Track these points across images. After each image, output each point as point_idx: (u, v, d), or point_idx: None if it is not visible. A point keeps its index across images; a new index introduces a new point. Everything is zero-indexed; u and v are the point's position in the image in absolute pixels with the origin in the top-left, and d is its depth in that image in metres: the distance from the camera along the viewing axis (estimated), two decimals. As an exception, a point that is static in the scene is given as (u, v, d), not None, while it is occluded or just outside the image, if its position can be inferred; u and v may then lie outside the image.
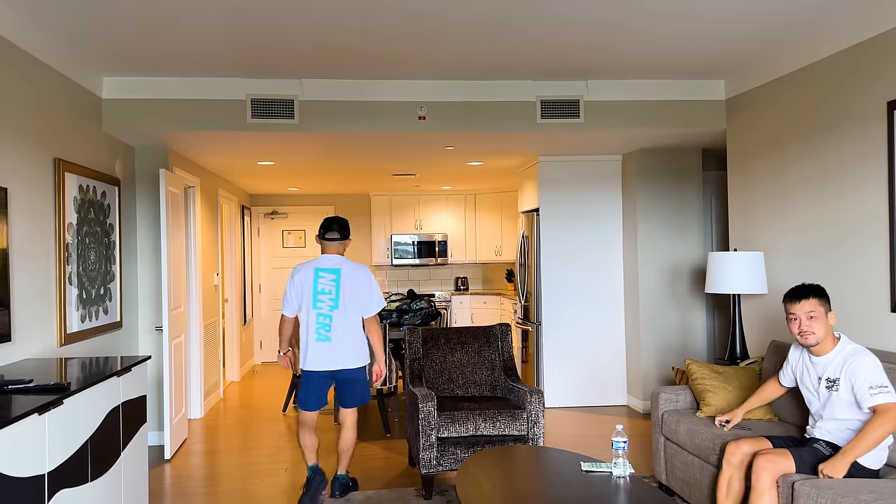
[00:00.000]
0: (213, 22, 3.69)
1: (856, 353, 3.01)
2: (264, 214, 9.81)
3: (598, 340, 6.70)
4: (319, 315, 4.07)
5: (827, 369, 3.09)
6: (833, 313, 3.11)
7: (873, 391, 2.87)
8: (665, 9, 3.61)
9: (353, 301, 4.09)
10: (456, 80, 5.01)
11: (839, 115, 3.99)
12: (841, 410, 3.01)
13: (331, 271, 4.09)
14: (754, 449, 3.16)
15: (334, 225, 4.16)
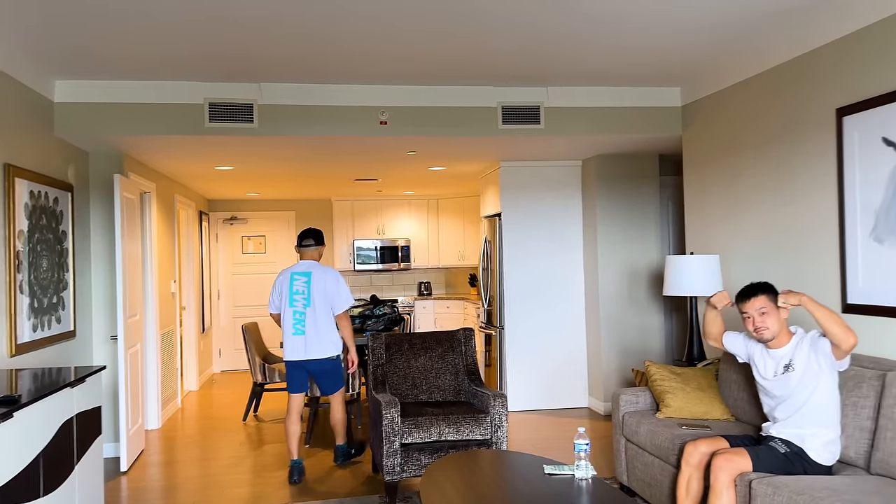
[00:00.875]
0: (170, 25, 3.62)
1: (815, 337, 3.13)
2: (223, 220, 9.67)
3: (560, 343, 6.76)
4: (295, 312, 4.70)
5: (783, 359, 3.18)
6: (786, 308, 3.19)
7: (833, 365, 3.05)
8: (622, 18, 3.67)
9: (322, 300, 4.70)
10: (418, 85, 5.02)
11: (791, 122, 4.11)
12: (798, 394, 3.09)
13: (303, 274, 4.74)
14: (712, 449, 3.22)
15: (308, 234, 4.85)
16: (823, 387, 3.06)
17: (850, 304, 3.61)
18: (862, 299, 3.54)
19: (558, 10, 3.56)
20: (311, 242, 4.83)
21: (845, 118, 3.63)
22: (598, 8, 3.54)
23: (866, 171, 3.50)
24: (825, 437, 3.05)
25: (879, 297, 3.42)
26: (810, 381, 3.07)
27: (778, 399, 3.20)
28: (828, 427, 3.06)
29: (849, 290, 3.62)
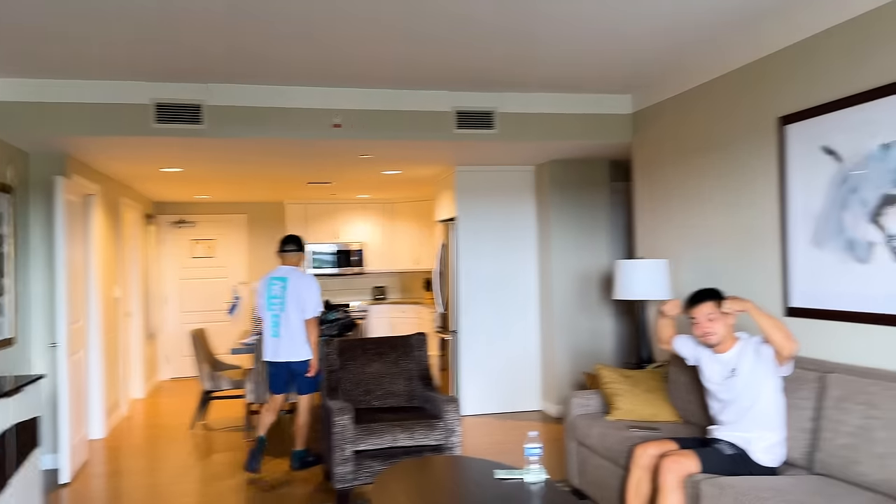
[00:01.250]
0: (114, 24, 3.52)
1: (759, 343, 3.21)
2: (171, 223, 9.44)
3: (514, 347, 6.80)
4: (272, 316, 4.89)
5: (729, 363, 3.25)
6: (732, 314, 3.26)
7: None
8: (575, 28, 3.72)
9: (295, 304, 4.84)
10: (372, 88, 4.99)
11: (736, 130, 4.21)
12: (743, 398, 3.16)
13: (280, 279, 4.92)
14: (661, 451, 3.28)
15: (290, 240, 5.01)
16: (767, 391, 3.14)
17: (791, 307, 3.72)
18: (803, 303, 3.64)
19: (512, 18, 3.58)
20: (292, 248, 4.99)
21: (787, 126, 3.75)
22: (551, 18, 3.57)
23: (807, 178, 3.61)
24: (770, 439, 3.13)
25: (819, 300, 3.53)
26: (754, 385, 3.15)
27: (724, 403, 3.27)
28: (772, 430, 3.14)
29: (790, 293, 3.73)
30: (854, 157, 3.32)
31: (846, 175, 3.36)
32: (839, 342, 3.44)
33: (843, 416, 2.96)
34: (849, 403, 2.96)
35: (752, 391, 3.15)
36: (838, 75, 3.44)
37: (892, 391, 2.80)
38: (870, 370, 3.11)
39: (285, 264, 4.99)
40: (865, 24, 3.28)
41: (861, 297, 3.29)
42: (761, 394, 3.13)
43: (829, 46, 3.49)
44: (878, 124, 3.18)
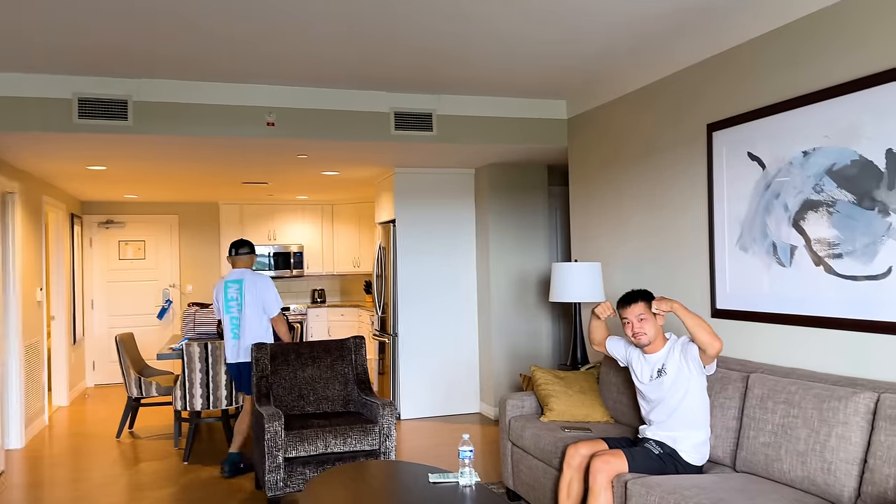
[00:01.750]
0: (35, 13, 3.34)
1: (686, 343, 3.27)
2: (98, 224, 9.07)
3: (453, 350, 6.79)
4: (231, 318, 4.96)
5: (657, 363, 3.31)
6: (662, 315, 3.33)
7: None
8: (513, 33, 3.73)
9: (254, 305, 4.91)
10: (308, 86, 4.90)
11: (667, 136, 4.31)
12: (671, 398, 3.22)
13: (236, 282, 4.97)
14: (592, 451, 3.31)
15: (244, 244, 5.08)
16: (693, 391, 3.21)
17: (718, 308, 3.82)
18: (729, 304, 3.75)
19: (452, 21, 3.57)
20: (246, 251, 5.06)
21: (715, 133, 3.85)
22: (489, 22, 3.57)
23: (733, 183, 3.72)
24: (696, 438, 3.20)
25: (744, 302, 3.64)
26: (681, 385, 3.21)
27: (653, 403, 3.33)
28: (698, 429, 3.21)
29: (717, 295, 3.83)
30: (777, 164, 3.43)
31: (770, 181, 3.47)
32: (763, 343, 3.54)
33: (765, 415, 3.05)
34: (771, 402, 3.04)
35: (679, 390, 3.21)
36: (763, 84, 3.55)
37: (812, 390, 2.90)
38: (791, 370, 3.21)
39: (238, 267, 5.03)
40: (789, 35, 3.39)
41: (783, 299, 3.40)
42: (688, 393, 3.20)
43: (754, 56, 3.60)
44: (800, 132, 3.30)
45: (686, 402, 3.20)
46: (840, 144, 3.09)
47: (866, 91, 2.96)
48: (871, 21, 2.96)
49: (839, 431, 2.72)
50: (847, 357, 3.09)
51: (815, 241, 3.21)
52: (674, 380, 3.22)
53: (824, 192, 3.16)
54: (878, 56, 2.93)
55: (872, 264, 2.94)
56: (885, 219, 2.88)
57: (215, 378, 5.31)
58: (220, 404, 5.34)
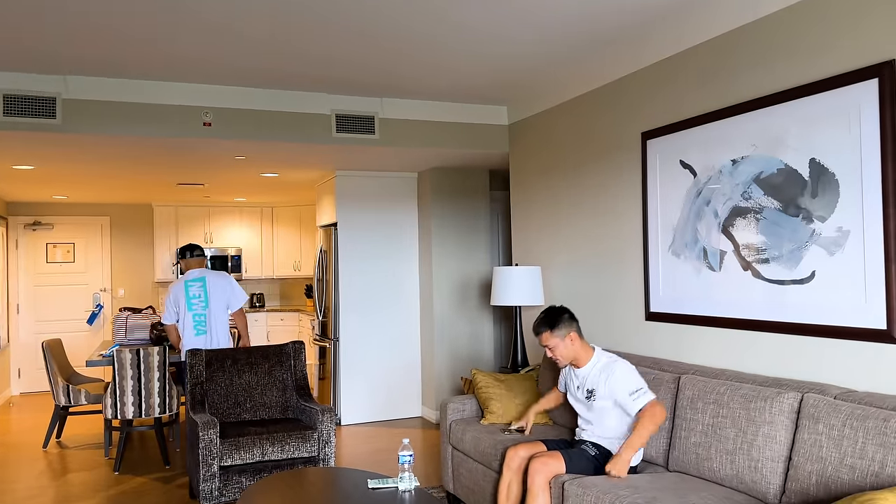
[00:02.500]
0: (-52, 2, 3.18)
1: (608, 365, 3.27)
2: (24, 225, 8.68)
3: (395, 354, 6.76)
4: (195, 315, 5.13)
5: (587, 381, 3.34)
6: (572, 333, 3.31)
7: (633, 396, 3.14)
8: (454, 38, 3.75)
9: (218, 301, 5.18)
10: (246, 86, 4.80)
11: (604, 143, 4.40)
12: (607, 419, 3.27)
13: (198, 280, 5.21)
14: (531, 452, 3.34)
15: (197, 247, 5.39)
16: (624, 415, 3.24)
17: (652, 312, 3.92)
18: (662, 308, 3.85)
19: (393, 25, 3.56)
20: (199, 253, 5.36)
21: (649, 141, 3.95)
22: (430, 28, 3.58)
23: (666, 190, 3.82)
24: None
25: (677, 305, 3.74)
26: (612, 407, 3.25)
27: (586, 418, 3.38)
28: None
29: (651, 299, 3.93)
30: (708, 172, 3.55)
31: (701, 188, 3.59)
32: (694, 345, 3.65)
33: (695, 416, 3.14)
34: (701, 403, 3.14)
35: (611, 413, 3.25)
36: (695, 94, 3.67)
37: (740, 391, 3.00)
38: (721, 371, 3.32)
39: (194, 268, 5.29)
40: (719, 47, 3.51)
41: (713, 303, 3.52)
42: (620, 414, 3.24)
43: (686, 67, 3.72)
44: (730, 141, 3.42)
45: (617, 420, 3.24)
46: (767, 153, 3.21)
47: (792, 102, 3.09)
48: (799, 34, 3.09)
49: (766, 431, 2.82)
50: (773, 358, 3.21)
51: (743, 246, 3.33)
52: (603, 406, 3.26)
53: (752, 199, 3.28)
54: (805, 68, 3.06)
55: (797, 269, 3.07)
56: (808, 225, 3.01)
57: (147, 385, 5.14)
58: (152, 412, 5.17)
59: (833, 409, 2.63)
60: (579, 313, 4.59)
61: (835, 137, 2.90)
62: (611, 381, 3.21)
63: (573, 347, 3.32)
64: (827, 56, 2.95)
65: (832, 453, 2.56)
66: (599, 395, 3.25)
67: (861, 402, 2.61)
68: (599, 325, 4.40)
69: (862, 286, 2.80)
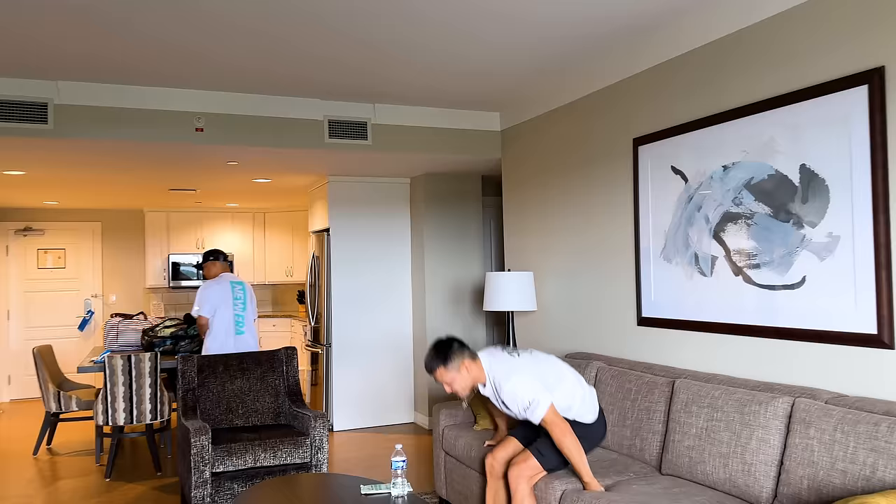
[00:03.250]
0: (-60, 7, 3.17)
1: (499, 385, 3.16)
2: (15, 231, 8.63)
3: (388, 360, 6.75)
4: (237, 315, 5.37)
5: (494, 397, 3.26)
6: (465, 362, 3.15)
7: (529, 410, 3.09)
8: (445, 46, 3.76)
9: (252, 306, 5.54)
10: (239, 92, 4.80)
11: (596, 149, 4.42)
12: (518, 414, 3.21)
13: (239, 283, 5.51)
14: (508, 455, 3.31)
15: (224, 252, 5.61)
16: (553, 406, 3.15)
17: (644, 317, 3.93)
18: (654, 313, 3.86)
19: (387, 31, 3.57)
20: (229, 259, 5.75)
21: (640, 147, 3.97)
22: (424, 35, 3.59)
23: (658, 195, 3.84)
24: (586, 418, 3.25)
25: (669, 311, 3.76)
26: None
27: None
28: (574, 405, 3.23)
29: (643, 304, 3.94)
30: (699, 178, 3.57)
31: (692, 194, 3.61)
32: (686, 350, 3.66)
33: (689, 419, 3.15)
34: (695, 407, 3.15)
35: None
36: (686, 100, 3.69)
37: (733, 395, 3.01)
38: (712, 375, 3.33)
39: (228, 272, 5.56)
40: (711, 54, 3.54)
41: (705, 308, 3.53)
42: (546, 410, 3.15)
43: (678, 73, 3.74)
44: (721, 147, 3.44)
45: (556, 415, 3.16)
46: (758, 159, 3.23)
47: (783, 108, 3.11)
48: (789, 41, 3.12)
49: (759, 434, 2.83)
50: (765, 363, 3.23)
51: (734, 251, 3.35)
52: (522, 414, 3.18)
53: (743, 204, 3.30)
54: (795, 75, 3.09)
55: (788, 274, 3.09)
56: (799, 231, 3.03)
57: (139, 391, 5.11)
58: (143, 419, 5.14)
59: (824, 413, 2.64)
60: (572, 318, 4.60)
61: (825, 143, 2.92)
62: (504, 397, 3.16)
63: (470, 376, 3.17)
64: (817, 63, 2.97)
65: (824, 458, 2.57)
66: (508, 406, 3.20)
67: (852, 406, 2.63)
68: (591, 330, 4.41)
69: (852, 291, 2.82)
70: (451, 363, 3.14)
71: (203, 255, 5.62)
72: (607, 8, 3.38)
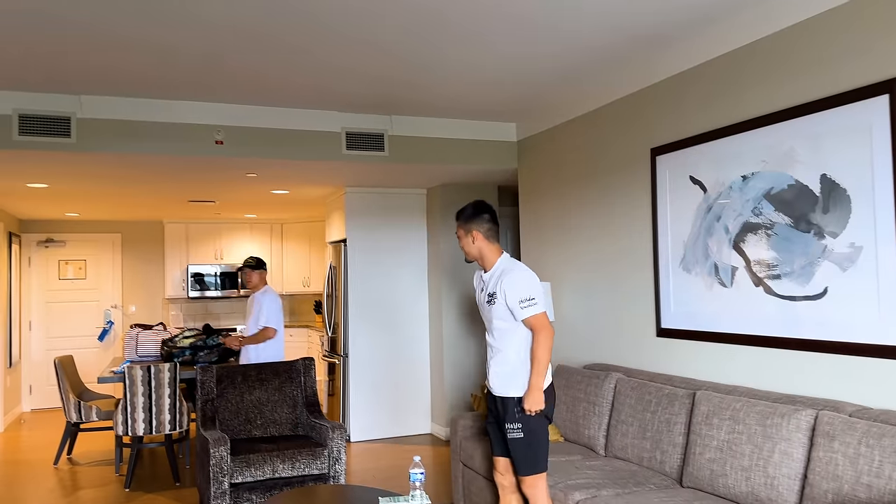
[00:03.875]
0: (-33, 24, 3.24)
1: (509, 269, 3.19)
2: (37, 242, 8.75)
3: (405, 370, 6.75)
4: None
5: (489, 284, 3.28)
6: (474, 233, 3.25)
7: (523, 304, 3.11)
8: (462, 58, 3.78)
9: None
10: (258, 105, 4.85)
11: (614, 159, 4.41)
12: (498, 319, 3.20)
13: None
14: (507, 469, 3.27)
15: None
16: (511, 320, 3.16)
17: (663, 328, 3.90)
18: (674, 324, 3.83)
19: (406, 47, 3.60)
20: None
21: (658, 157, 3.96)
22: (441, 49, 3.61)
23: (676, 206, 3.82)
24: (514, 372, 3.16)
25: (688, 321, 3.73)
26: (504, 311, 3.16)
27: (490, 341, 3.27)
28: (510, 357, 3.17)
29: (662, 315, 3.91)
30: (718, 188, 3.55)
31: (711, 204, 3.58)
32: (706, 361, 3.63)
33: (710, 432, 3.12)
34: (716, 419, 3.12)
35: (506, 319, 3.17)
36: (704, 110, 3.67)
37: (756, 407, 2.98)
38: (733, 387, 3.30)
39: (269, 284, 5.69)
40: (729, 63, 3.52)
41: (725, 319, 3.50)
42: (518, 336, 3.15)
43: (696, 83, 3.73)
44: (739, 157, 3.42)
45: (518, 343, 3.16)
46: (777, 169, 3.21)
47: (802, 118, 3.09)
48: (809, 51, 3.10)
49: (782, 447, 2.80)
50: (787, 375, 3.19)
51: (754, 262, 3.32)
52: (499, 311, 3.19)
53: (763, 215, 3.28)
54: (814, 85, 3.07)
55: (809, 285, 3.06)
56: (820, 241, 3.00)
57: (158, 402, 5.15)
58: (163, 429, 5.18)
59: (848, 426, 2.61)
60: (590, 329, 4.58)
61: (846, 153, 2.90)
62: (504, 283, 3.16)
63: (475, 247, 3.28)
64: (837, 72, 2.95)
65: (848, 472, 2.54)
66: (497, 299, 3.19)
67: (877, 419, 2.59)
68: (610, 341, 4.38)
69: (875, 302, 2.79)
70: (466, 225, 3.29)
71: (256, 262, 5.55)
72: (632, 18, 3.37)
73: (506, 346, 3.19)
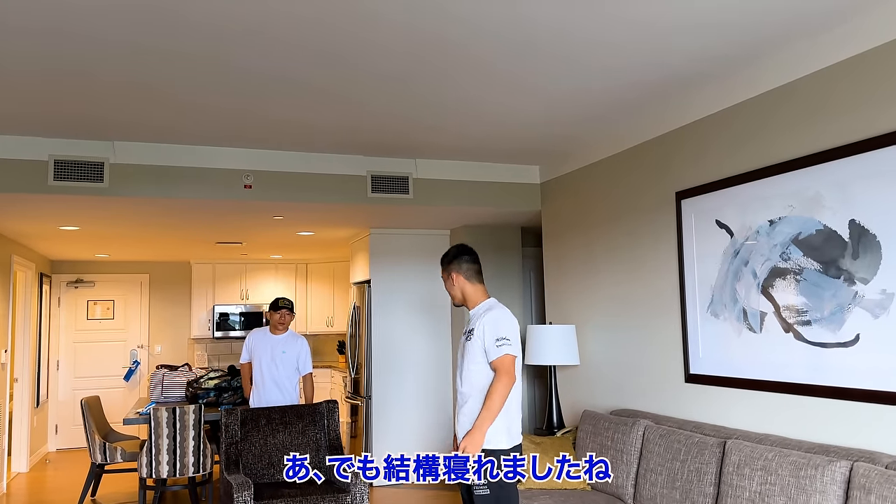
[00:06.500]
0: (15, 79, 3.36)
1: (494, 308, 3.22)
2: (67, 283, 8.91)
3: (429, 413, 6.70)
4: None
5: (472, 320, 3.26)
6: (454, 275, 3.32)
7: (499, 342, 3.08)
8: (485, 101, 3.84)
9: None
10: (285, 150, 4.95)
11: (638, 202, 4.41)
12: (471, 360, 3.15)
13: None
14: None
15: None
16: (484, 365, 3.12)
17: (692, 374, 3.84)
18: (702, 370, 3.77)
19: (430, 94, 3.67)
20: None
21: (683, 201, 3.95)
22: (466, 90, 3.68)
23: (702, 249, 3.80)
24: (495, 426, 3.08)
25: (717, 367, 3.67)
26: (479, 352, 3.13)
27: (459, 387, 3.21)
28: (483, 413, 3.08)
29: (690, 361, 3.86)
30: (745, 232, 3.52)
31: (738, 248, 3.56)
32: (736, 409, 3.56)
33: (742, 482, 3.04)
34: (748, 469, 3.04)
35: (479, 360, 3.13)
36: (730, 154, 3.67)
37: (788, 457, 2.90)
38: (764, 436, 3.23)
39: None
40: (755, 108, 3.53)
41: (755, 365, 3.44)
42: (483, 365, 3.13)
43: (722, 127, 3.74)
44: (766, 201, 3.40)
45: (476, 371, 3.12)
46: (805, 214, 3.19)
47: (830, 163, 3.08)
48: (837, 95, 3.10)
49: (816, 500, 2.72)
50: (819, 424, 3.12)
51: (784, 307, 3.28)
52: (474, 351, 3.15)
53: (791, 260, 3.24)
54: (844, 129, 3.06)
55: (840, 331, 3.00)
56: (850, 287, 2.96)
57: (183, 444, 5.16)
58: (186, 471, 5.17)
59: (885, 479, 2.53)
60: (616, 373, 4.52)
61: (875, 198, 2.87)
62: (485, 319, 3.16)
63: (457, 288, 3.33)
64: (866, 116, 2.94)
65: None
66: (475, 335, 3.16)
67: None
68: (637, 386, 4.32)
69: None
70: (447, 267, 3.37)
71: (289, 305, 5.43)
72: (661, 56, 3.40)
73: (475, 393, 3.14)
